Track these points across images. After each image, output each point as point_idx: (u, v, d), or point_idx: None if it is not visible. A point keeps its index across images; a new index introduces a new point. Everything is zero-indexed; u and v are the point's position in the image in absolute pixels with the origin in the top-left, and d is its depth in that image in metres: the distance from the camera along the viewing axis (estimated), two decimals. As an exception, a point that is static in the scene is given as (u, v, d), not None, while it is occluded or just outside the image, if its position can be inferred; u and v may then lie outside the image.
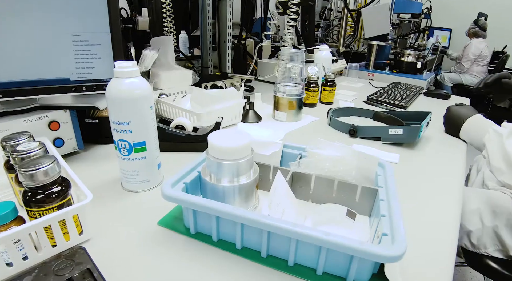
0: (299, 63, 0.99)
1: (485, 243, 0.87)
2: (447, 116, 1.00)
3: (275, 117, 1.01)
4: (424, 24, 4.17)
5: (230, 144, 0.43)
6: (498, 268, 0.86)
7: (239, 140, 0.44)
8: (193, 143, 0.72)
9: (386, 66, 2.10)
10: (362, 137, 0.89)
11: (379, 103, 1.30)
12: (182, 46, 1.80)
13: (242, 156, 0.44)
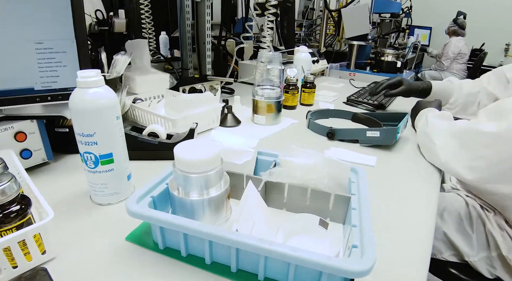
0: (277, 66, 0.98)
1: (440, 248, 0.87)
2: (412, 109, 1.04)
3: (254, 120, 1.00)
4: (405, 23, 4.24)
5: (198, 156, 0.42)
6: (456, 273, 0.86)
7: (207, 151, 0.42)
8: (167, 151, 0.70)
9: (367, 65, 2.12)
10: (340, 139, 0.89)
11: (359, 103, 1.30)
12: (163, 47, 1.77)
13: (211, 168, 0.43)
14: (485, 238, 0.84)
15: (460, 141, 0.70)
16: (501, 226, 0.82)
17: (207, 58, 1.47)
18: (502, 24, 4.62)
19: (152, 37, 1.67)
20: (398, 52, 2.09)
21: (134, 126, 0.74)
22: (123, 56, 0.78)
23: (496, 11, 4.55)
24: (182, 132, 0.74)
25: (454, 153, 0.71)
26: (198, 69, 1.52)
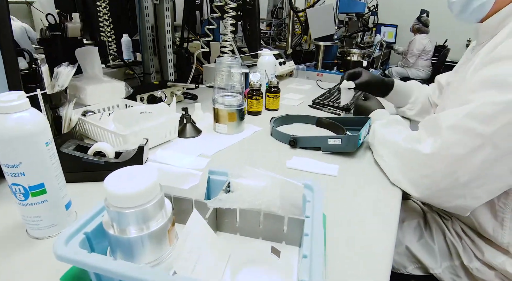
0: (238, 71, 0.95)
1: (403, 263, 0.85)
2: (356, 108, 1.07)
3: (216, 129, 0.96)
4: (372, 21, 4.31)
5: (132, 188, 0.37)
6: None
7: (143, 181, 0.38)
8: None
9: (334, 65, 2.13)
10: (303, 147, 0.87)
11: (324, 106, 1.29)
12: (125, 50, 1.69)
13: (148, 200, 0.39)
14: (446, 247, 0.83)
15: (402, 161, 0.72)
16: (459, 234, 0.81)
17: (169, 63, 1.42)
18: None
19: (112, 41, 1.59)
20: (363, 51, 2.11)
21: (78, 144, 0.68)
22: (66, 67, 0.72)
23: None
24: (132, 149, 0.69)
25: (399, 171, 0.72)
26: (160, 74, 1.47)
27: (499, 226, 0.71)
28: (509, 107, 0.57)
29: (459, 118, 0.62)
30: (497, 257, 0.72)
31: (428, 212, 0.91)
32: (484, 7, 0.72)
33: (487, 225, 0.73)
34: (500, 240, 0.71)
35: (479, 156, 0.59)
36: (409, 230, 0.88)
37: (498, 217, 0.71)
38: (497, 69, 0.62)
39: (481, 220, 0.74)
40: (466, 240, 0.80)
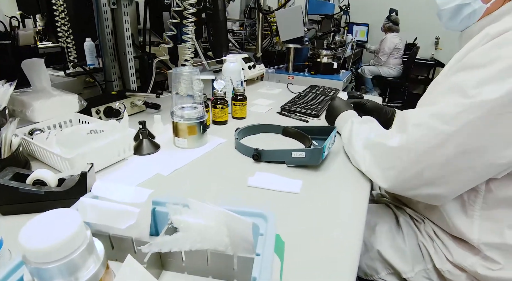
0: (196, 81, 0.90)
1: (376, 268, 0.85)
2: (327, 109, 1.09)
3: (176, 144, 0.91)
4: (344, 20, 4.35)
5: (52, 240, 0.32)
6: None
7: (65, 230, 0.33)
8: (57, 200, 0.60)
9: (305, 67, 2.11)
10: (267, 161, 0.84)
11: (292, 113, 1.26)
12: (89, 55, 1.60)
13: (73, 249, 0.34)
14: (418, 250, 0.83)
15: (372, 153, 0.76)
16: (431, 236, 0.82)
17: (130, 70, 1.35)
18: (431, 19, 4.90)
19: (72, 47, 1.50)
20: (334, 52, 2.10)
21: (17, 172, 0.62)
22: (3, 86, 0.65)
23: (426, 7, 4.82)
24: (76, 175, 0.63)
25: (370, 164, 0.76)
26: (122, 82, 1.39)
27: (470, 222, 0.72)
28: (469, 109, 0.60)
29: (424, 116, 0.66)
30: (467, 258, 0.73)
31: (401, 216, 0.91)
32: (474, 15, 0.74)
33: (458, 222, 0.74)
34: (470, 237, 0.72)
35: (441, 152, 0.63)
36: (381, 234, 0.88)
37: (468, 214, 0.72)
38: (465, 76, 0.64)
39: (452, 217, 0.75)
40: (437, 242, 0.80)
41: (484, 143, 0.61)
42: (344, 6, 4.10)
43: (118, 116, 1.08)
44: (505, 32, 0.61)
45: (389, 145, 0.70)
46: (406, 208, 0.92)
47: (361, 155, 0.79)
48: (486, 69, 0.61)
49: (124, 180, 0.73)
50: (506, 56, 0.59)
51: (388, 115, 1.10)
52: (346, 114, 1.00)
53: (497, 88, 0.58)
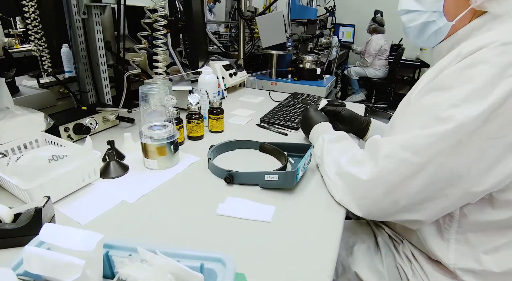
0: (167, 97, 0.86)
1: None
2: (301, 120, 1.07)
3: (146, 165, 0.87)
4: (330, 21, 4.34)
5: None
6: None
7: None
8: (10, 238, 0.55)
9: (288, 73, 2.08)
10: (240, 183, 0.80)
11: (272, 125, 1.23)
12: (66, 62, 1.53)
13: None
14: (396, 272, 0.82)
15: (345, 183, 0.73)
16: (409, 258, 0.80)
17: (104, 81, 1.30)
18: (416, 19, 4.94)
19: (46, 55, 1.43)
20: (317, 57, 2.07)
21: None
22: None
23: (411, 8, 4.87)
24: (31, 208, 0.59)
25: (343, 192, 0.73)
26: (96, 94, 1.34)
27: (445, 246, 0.71)
28: (439, 139, 0.58)
29: (395, 147, 0.64)
30: None
31: (379, 235, 0.89)
32: (440, 33, 0.73)
33: (434, 246, 0.72)
34: (446, 261, 0.70)
35: (414, 183, 0.61)
36: (359, 255, 0.86)
37: (444, 237, 0.71)
38: (436, 98, 0.62)
39: (428, 240, 0.73)
40: (415, 264, 0.78)
41: (458, 172, 0.59)
42: (330, 7, 4.09)
43: (88, 133, 1.03)
44: (477, 51, 0.59)
45: (361, 178, 0.67)
46: (385, 227, 0.91)
47: (333, 182, 0.77)
48: (458, 91, 0.59)
49: (87, 210, 0.69)
50: (477, 77, 0.57)
51: (363, 125, 1.09)
52: (319, 127, 0.97)
53: (469, 112, 0.56)
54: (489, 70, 0.56)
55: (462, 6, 0.69)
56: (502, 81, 0.55)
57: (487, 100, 0.55)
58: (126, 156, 0.93)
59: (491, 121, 0.55)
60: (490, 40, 0.58)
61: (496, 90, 0.55)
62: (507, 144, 0.56)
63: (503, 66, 0.55)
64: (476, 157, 0.58)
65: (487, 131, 0.56)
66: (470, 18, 0.70)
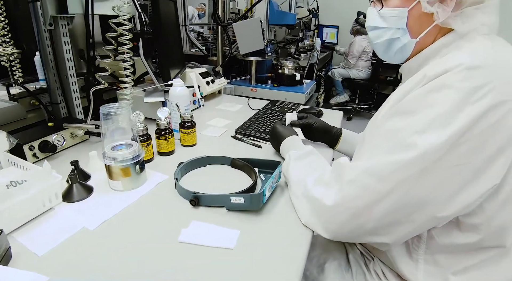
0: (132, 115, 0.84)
1: None
2: (270, 136, 1.07)
3: (111, 186, 0.85)
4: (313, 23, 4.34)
5: None
6: None
7: None
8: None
9: (268, 79, 2.06)
10: (207, 205, 0.79)
11: (246, 136, 1.22)
12: (40, 70, 1.47)
13: None
14: None
15: (311, 206, 0.72)
16: (380, 276, 0.80)
17: (74, 94, 1.26)
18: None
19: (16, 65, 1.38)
20: (296, 63, 2.06)
21: None
22: None
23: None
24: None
25: (309, 214, 0.72)
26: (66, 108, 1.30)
27: (414, 266, 0.71)
28: (403, 166, 0.58)
29: (359, 173, 0.63)
30: None
31: (351, 252, 0.89)
32: (405, 49, 0.73)
33: (403, 265, 0.72)
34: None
35: (379, 208, 0.61)
36: (330, 272, 0.86)
37: (413, 257, 0.71)
38: (401, 123, 0.61)
39: (397, 260, 0.73)
40: None
41: (423, 198, 0.59)
42: (313, 9, 4.09)
43: (54, 151, 1.00)
44: (442, 74, 0.59)
45: (326, 203, 0.67)
46: (357, 243, 0.90)
47: (300, 203, 0.76)
48: (422, 116, 0.58)
49: (46, 238, 0.66)
50: (441, 102, 0.57)
51: (335, 136, 1.10)
52: (287, 142, 0.97)
53: (433, 140, 0.55)
54: (453, 96, 0.55)
55: (426, 23, 0.68)
56: (466, 108, 0.54)
57: (451, 128, 0.54)
58: (91, 175, 0.90)
59: (455, 149, 0.55)
60: (455, 64, 0.57)
61: (460, 117, 0.54)
62: (471, 171, 0.56)
63: (467, 92, 0.55)
64: (440, 184, 0.57)
65: (451, 159, 0.55)
66: (435, 35, 0.70)
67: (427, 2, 0.65)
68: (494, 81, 0.54)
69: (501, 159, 0.55)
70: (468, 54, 0.60)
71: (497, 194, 0.58)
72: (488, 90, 0.54)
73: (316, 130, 1.10)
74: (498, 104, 0.53)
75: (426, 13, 0.66)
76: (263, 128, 1.28)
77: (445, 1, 0.64)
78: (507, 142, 0.55)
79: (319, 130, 1.10)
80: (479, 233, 0.63)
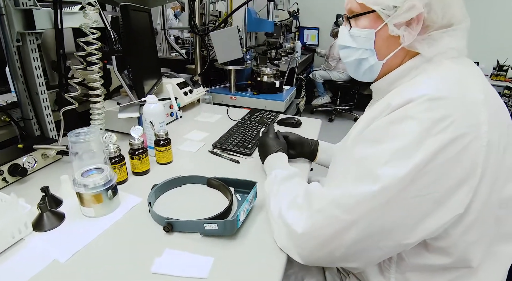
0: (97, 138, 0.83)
1: None
2: (258, 144, 1.07)
3: (83, 212, 0.83)
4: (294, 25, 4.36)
5: None
6: None
7: None
8: None
9: (248, 86, 2.06)
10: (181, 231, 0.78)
11: (224, 151, 1.21)
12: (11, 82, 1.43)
13: None
14: None
15: (286, 230, 0.72)
16: None
17: (45, 110, 1.22)
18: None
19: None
20: (276, 70, 2.07)
21: None
22: None
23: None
24: None
25: (286, 239, 0.72)
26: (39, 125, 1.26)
27: None
28: (368, 199, 0.59)
29: (326, 203, 0.64)
30: None
31: (327, 270, 0.90)
32: (373, 70, 0.74)
33: None
34: None
35: (346, 237, 0.62)
36: None
37: (385, 276, 0.72)
38: (366, 151, 0.63)
39: (370, 277, 0.75)
40: None
41: (388, 227, 0.60)
42: (293, 12, 4.11)
43: (25, 175, 0.97)
44: (405, 105, 0.60)
45: (296, 231, 0.68)
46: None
47: (277, 226, 0.76)
48: (386, 147, 0.59)
49: (15, 273, 0.65)
50: (404, 134, 0.58)
51: (312, 147, 1.12)
52: (273, 159, 0.98)
53: (396, 172, 0.57)
54: (415, 128, 0.57)
55: (393, 45, 0.70)
56: (427, 140, 0.55)
57: (413, 160, 0.55)
58: (63, 200, 0.88)
59: (416, 180, 0.56)
60: (418, 94, 0.59)
61: (421, 149, 0.55)
62: (433, 201, 0.57)
63: (429, 124, 0.56)
64: (404, 213, 0.59)
65: (413, 190, 0.57)
66: (403, 57, 0.71)
67: (394, 25, 0.67)
68: (455, 114, 0.55)
69: (464, 189, 0.57)
70: (431, 83, 0.62)
71: (461, 221, 0.60)
72: (449, 122, 0.55)
73: (293, 143, 1.10)
74: (458, 136, 0.55)
75: (393, 35, 0.68)
76: (241, 141, 1.27)
77: (411, 25, 0.66)
78: (468, 173, 0.56)
79: (295, 143, 1.11)
80: (446, 255, 0.65)
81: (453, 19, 0.66)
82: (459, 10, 0.67)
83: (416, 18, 0.64)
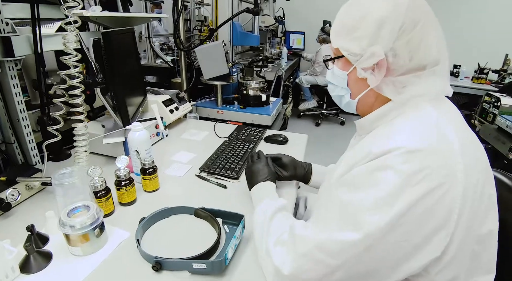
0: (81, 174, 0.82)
1: None
2: (246, 171, 1.08)
3: (70, 251, 0.82)
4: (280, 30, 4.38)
5: None
6: None
7: None
8: None
9: (235, 100, 2.06)
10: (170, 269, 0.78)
11: (212, 175, 1.22)
12: None
13: None
14: None
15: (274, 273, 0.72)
16: None
17: (27, 137, 1.20)
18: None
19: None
20: (262, 82, 2.07)
21: None
22: None
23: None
24: None
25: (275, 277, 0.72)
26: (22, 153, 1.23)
27: None
28: (350, 245, 0.61)
29: (311, 247, 0.66)
30: None
31: None
32: (350, 106, 0.82)
33: None
34: None
35: (332, 278, 0.64)
36: None
37: None
38: (348, 196, 0.65)
39: None
40: None
41: (370, 269, 0.63)
42: (279, 17, 4.12)
43: (8, 209, 0.95)
44: (385, 154, 0.62)
45: (283, 273, 0.69)
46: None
47: (265, 263, 0.76)
48: (367, 195, 0.61)
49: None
50: (384, 184, 0.60)
51: (306, 169, 1.14)
52: (261, 189, 0.98)
53: (377, 221, 0.59)
54: (395, 178, 0.59)
55: (363, 86, 0.74)
56: (406, 190, 0.58)
57: (393, 210, 0.58)
58: (50, 237, 0.87)
59: (397, 228, 0.59)
60: (397, 145, 0.61)
61: (401, 199, 0.58)
62: (412, 246, 0.60)
63: (408, 175, 0.58)
64: (384, 257, 0.61)
65: (394, 236, 0.59)
66: (375, 97, 0.75)
67: (362, 68, 0.72)
68: (432, 165, 0.58)
69: (441, 234, 0.59)
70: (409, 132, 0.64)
71: (439, 261, 0.62)
72: (426, 174, 0.58)
73: (285, 165, 1.12)
74: (435, 187, 0.58)
75: (362, 78, 0.73)
76: (228, 163, 1.28)
77: (376, 69, 0.69)
78: (445, 220, 0.59)
79: (288, 165, 1.12)
80: None
81: (425, 61, 0.68)
82: (434, 51, 0.69)
83: (378, 64, 0.68)
